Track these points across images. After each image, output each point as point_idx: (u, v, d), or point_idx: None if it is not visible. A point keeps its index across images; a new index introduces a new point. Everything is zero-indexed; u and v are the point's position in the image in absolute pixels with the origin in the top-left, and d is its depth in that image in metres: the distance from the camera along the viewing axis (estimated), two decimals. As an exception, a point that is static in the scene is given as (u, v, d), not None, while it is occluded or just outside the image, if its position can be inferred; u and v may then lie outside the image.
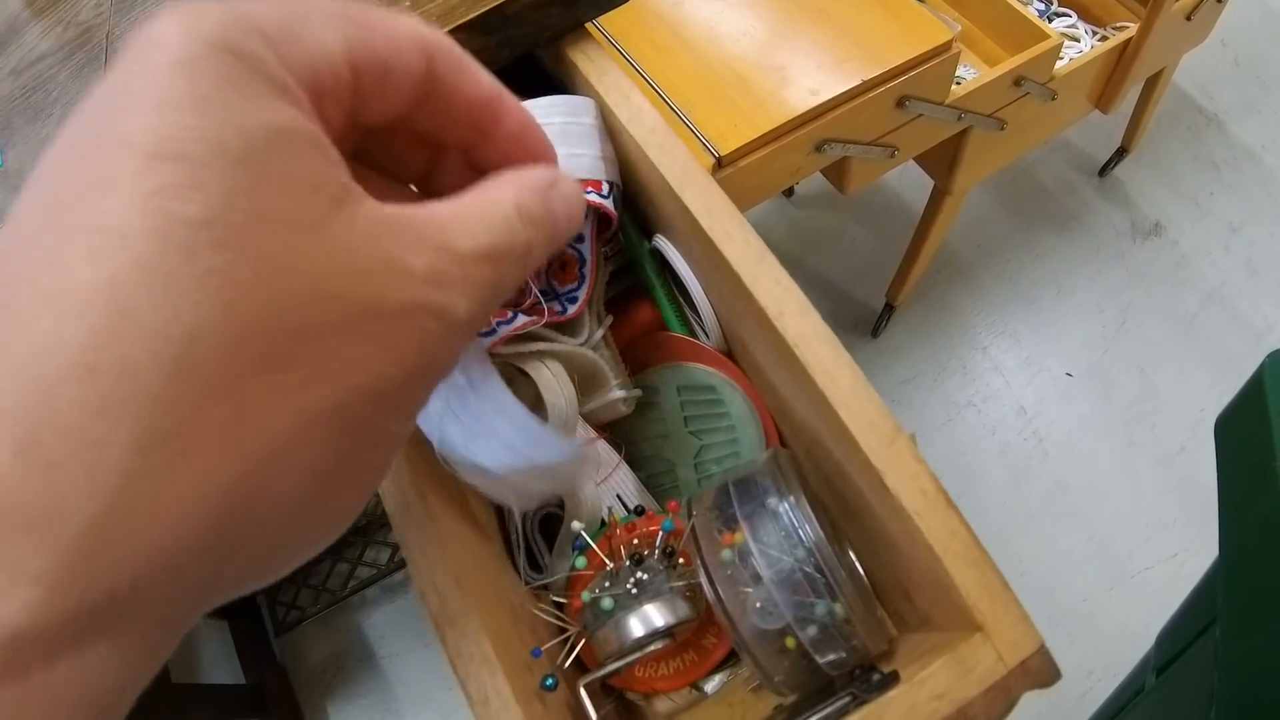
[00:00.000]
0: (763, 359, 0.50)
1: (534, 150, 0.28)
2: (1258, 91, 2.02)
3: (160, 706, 1.34)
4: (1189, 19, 1.43)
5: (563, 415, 0.49)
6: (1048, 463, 1.59)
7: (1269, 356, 0.51)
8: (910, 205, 1.85)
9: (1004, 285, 1.76)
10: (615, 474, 0.54)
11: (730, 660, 0.54)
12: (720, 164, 0.95)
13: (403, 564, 1.56)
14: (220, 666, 1.59)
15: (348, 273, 0.19)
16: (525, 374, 0.49)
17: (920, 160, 1.34)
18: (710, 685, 0.54)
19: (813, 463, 0.50)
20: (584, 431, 0.53)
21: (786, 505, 0.43)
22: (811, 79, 1.00)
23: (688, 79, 1.01)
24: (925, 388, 1.66)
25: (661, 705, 0.53)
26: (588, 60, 0.53)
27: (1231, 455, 0.55)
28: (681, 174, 0.47)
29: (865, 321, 1.73)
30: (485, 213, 0.23)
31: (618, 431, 0.57)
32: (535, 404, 0.49)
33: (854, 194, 1.24)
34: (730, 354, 0.57)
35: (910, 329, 1.73)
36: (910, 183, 1.86)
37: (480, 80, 0.26)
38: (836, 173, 1.17)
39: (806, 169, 1.05)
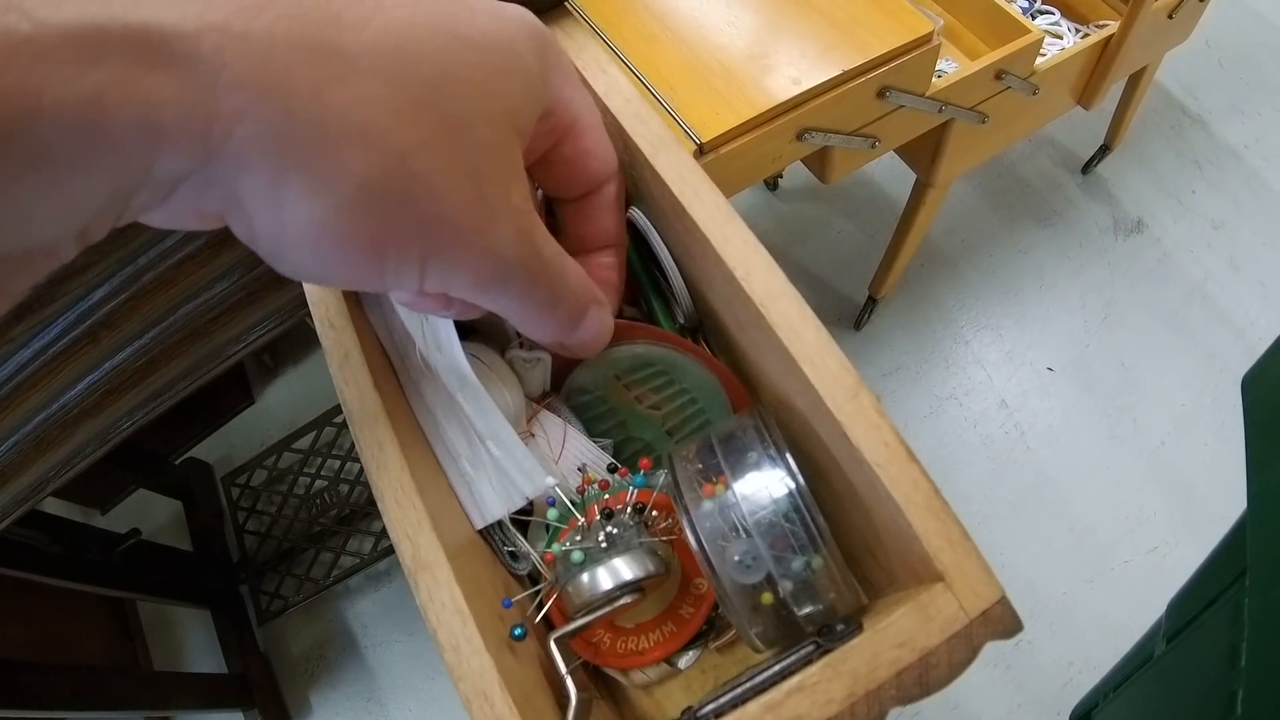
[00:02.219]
0: (733, 323, 0.50)
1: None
2: (1242, 93, 2.04)
3: (142, 695, 1.34)
4: (1171, 17, 1.44)
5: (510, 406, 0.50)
6: (1029, 455, 1.60)
7: None
8: (895, 199, 1.86)
9: (987, 279, 1.77)
10: (567, 444, 0.55)
11: (701, 636, 0.54)
12: (702, 150, 0.96)
13: (386, 553, 1.56)
14: (203, 655, 1.59)
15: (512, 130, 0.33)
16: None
17: (902, 152, 1.35)
18: (683, 661, 0.54)
19: (783, 426, 0.51)
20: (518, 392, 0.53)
21: (769, 458, 0.44)
22: (794, 67, 1.01)
23: (672, 67, 1.02)
24: (908, 380, 1.67)
25: (636, 676, 0.54)
26: (565, 35, 0.54)
27: (1259, 408, 0.56)
28: (656, 141, 0.48)
29: (849, 314, 1.74)
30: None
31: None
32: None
33: (837, 186, 1.25)
34: (700, 326, 0.57)
35: (894, 321, 1.74)
36: (895, 177, 1.87)
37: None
38: (818, 162, 1.18)
39: (788, 157, 1.06)
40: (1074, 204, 1.86)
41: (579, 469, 0.53)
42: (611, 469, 0.50)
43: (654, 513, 0.46)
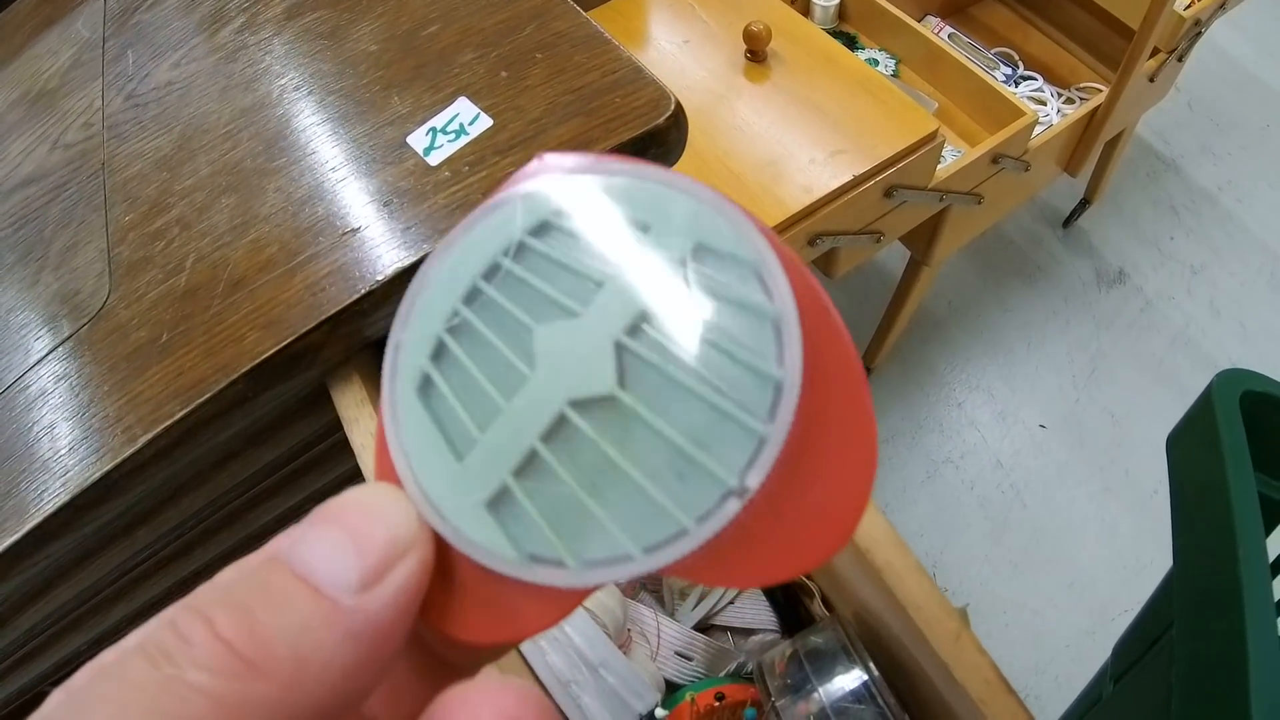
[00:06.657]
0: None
1: None
2: (1212, 134, 2.08)
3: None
4: (1152, 80, 1.47)
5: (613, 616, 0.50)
6: (1026, 513, 1.62)
7: (1217, 375, 0.53)
8: (885, 268, 1.88)
9: (976, 340, 1.79)
10: (662, 634, 0.55)
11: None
12: (719, 266, 0.97)
13: None
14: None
15: None
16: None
17: (901, 237, 1.36)
18: None
19: (861, 624, 0.52)
20: (618, 598, 0.54)
21: (856, 674, 0.45)
22: (804, 175, 1.01)
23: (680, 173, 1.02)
24: (904, 446, 1.68)
25: None
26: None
27: (1182, 468, 0.57)
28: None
29: (845, 381, 1.74)
30: None
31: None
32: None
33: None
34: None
35: (887, 388, 1.75)
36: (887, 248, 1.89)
37: None
38: (825, 261, 1.19)
39: (799, 261, 1.07)
40: (1057, 259, 1.88)
41: (677, 654, 0.54)
42: (719, 698, 0.50)
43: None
